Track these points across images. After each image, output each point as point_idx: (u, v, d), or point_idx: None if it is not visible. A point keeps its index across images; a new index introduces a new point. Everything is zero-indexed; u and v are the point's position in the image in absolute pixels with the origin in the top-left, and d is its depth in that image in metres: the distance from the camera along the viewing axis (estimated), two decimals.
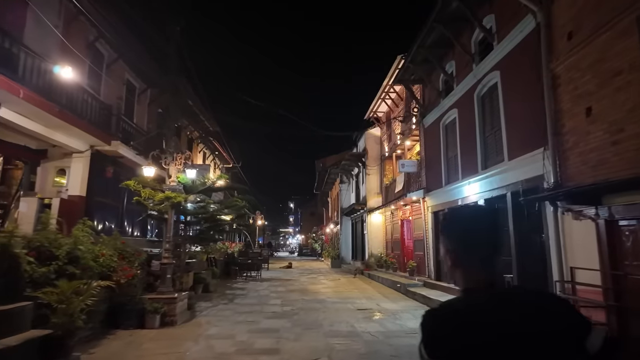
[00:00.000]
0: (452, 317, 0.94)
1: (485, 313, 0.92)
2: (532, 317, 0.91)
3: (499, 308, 0.92)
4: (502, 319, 0.90)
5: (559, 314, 0.93)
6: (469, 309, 0.94)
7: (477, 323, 0.90)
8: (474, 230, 1.00)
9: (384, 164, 17.74)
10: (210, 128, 23.62)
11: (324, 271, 20.20)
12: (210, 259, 14.31)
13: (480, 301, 0.95)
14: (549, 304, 0.95)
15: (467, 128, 9.47)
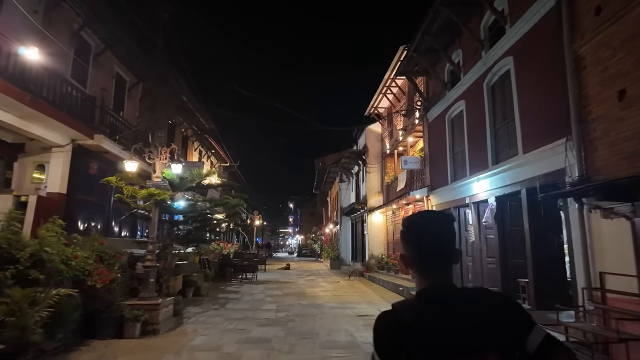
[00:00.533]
0: (393, 317, 1.01)
1: (424, 314, 0.98)
2: (467, 316, 0.96)
3: (438, 309, 0.98)
4: (438, 319, 0.96)
5: (498, 311, 0.97)
6: (408, 311, 1.00)
7: (414, 325, 0.96)
8: (424, 236, 1.06)
9: (385, 162, 17.09)
10: (205, 125, 22.98)
11: (322, 273, 19.55)
12: (204, 260, 13.66)
13: (422, 303, 1.01)
14: (490, 302, 0.99)
15: (476, 121, 8.82)
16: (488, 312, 0.96)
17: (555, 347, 0.95)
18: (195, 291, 11.01)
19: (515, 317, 0.98)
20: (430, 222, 1.09)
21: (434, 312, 0.98)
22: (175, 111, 19.74)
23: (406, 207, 13.98)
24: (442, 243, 1.05)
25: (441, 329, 0.94)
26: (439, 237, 1.05)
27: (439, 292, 1.01)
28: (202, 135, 23.96)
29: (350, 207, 19.78)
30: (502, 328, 0.95)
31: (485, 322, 0.95)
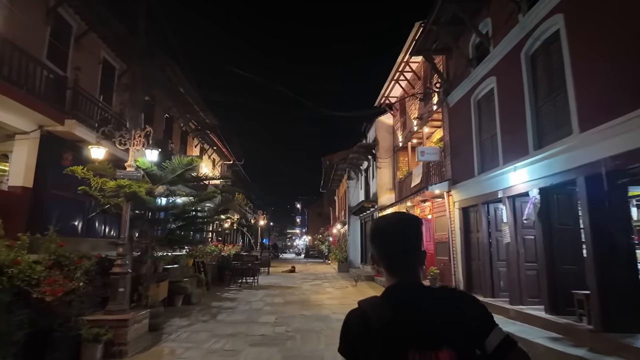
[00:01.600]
0: (359, 315, 1.06)
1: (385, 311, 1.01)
2: (427, 313, 0.99)
3: (400, 306, 1.01)
4: (399, 316, 0.99)
5: (459, 310, 1.00)
6: (372, 308, 1.04)
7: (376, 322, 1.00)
8: (386, 238, 1.12)
9: (397, 156, 15.68)
10: (206, 120, 21.80)
11: (329, 276, 18.19)
12: (198, 263, 12.41)
13: (386, 301, 1.05)
14: (453, 301, 1.02)
15: (511, 99, 7.40)
16: (449, 311, 0.99)
17: (513, 348, 0.99)
18: (185, 299, 9.76)
19: (476, 317, 1.02)
20: (391, 224, 1.13)
21: (395, 309, 1.00)
22: (173, 104, 18.60)
23: (422, 204, 12.56)
24: (403, 244, 1.10)
25: (401, 325, 0.97)
26: (400, 239, 1.10)
27: (403, 290, 1.05)
28: (202, 131, 22.78)
29: (359, 205, 18.40)
30: (461, 326, 0.97)
31: (446, 319, 0.97)
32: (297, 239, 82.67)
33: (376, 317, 1.00)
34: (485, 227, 8.43)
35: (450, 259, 10.13)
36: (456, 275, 9.78)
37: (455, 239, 9.85)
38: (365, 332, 1.00)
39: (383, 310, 1.01)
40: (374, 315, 1.00)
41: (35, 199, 7.80)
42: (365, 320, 1.01)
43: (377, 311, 1.01)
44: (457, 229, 9.74)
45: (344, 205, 25.20)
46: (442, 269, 10.65)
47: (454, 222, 9.90)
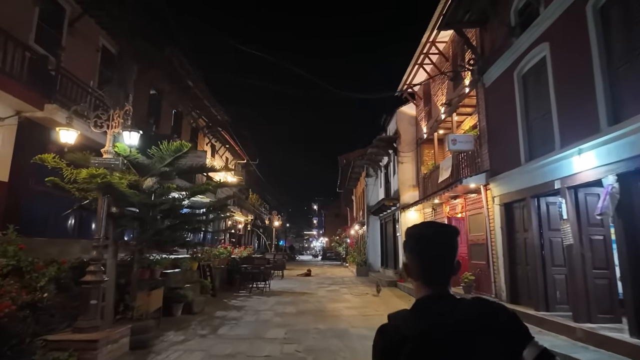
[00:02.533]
0: (393, 331, 1.00)
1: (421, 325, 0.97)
2: (464, 328, 0.95)
3: (436, 319, 0.97)
4: (435, 331, 0.95)
5: (495, 323, 0.97)
6: (406, 322, 1.00)
7: (413, 337, 0.95)
8: (430, 248, 1.06)
9: (420, 149, 14.27)
10: (217, 116, 20.91)
11: (347, 281, 16.88)
12: (204, 267, 11.36)
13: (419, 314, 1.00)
14: (488, 313, 0.98)
15: (572, 66, 5.98)
16: (485, 325, 0.96)
17: None
18: (185, 308, 8.68)
19: (513, 329, 0.99)
20: (437, 233, 1.08)
21: (430, 325, 0.97)
22: (181, 99, 17.75)
23: (452, 201, 11.13)
24: (446, 255, 1.05)
25: (437, 343, 0.94)
26: (445, 250, 1.06)
27: (437, 303, 1.01)
28: (213, 128, 21.90)
29: (378, 204, 17.03)
30: (497, 341, 0.95)
31: (481, 334, 0.95)
32: (314, 241, 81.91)
33: (412, 334, 0.96)
34: (536, 226, 6.99)
35: (488, 263, 8.70)
36: (496, 283, 8.35)
37: (494, 240, 8.42)
38: (400, 350, 0.96)
39: (418, 326, 0.97)
40: (410, 332, 0.97)
41: (11, 195, 6.87)
42: (400, 337, 0.97)
43: (412, 327, 0.97)
44: (497, 228, 8.31)
45: (362, 205, 23.85)
46: (478, 274, 9.21)
47: (494, 220, 8.47)
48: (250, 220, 27.49)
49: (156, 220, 6.22)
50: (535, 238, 6.98)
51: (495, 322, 0.97)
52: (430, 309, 1.00)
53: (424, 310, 1.00)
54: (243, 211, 24.43)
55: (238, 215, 23.60)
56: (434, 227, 1.10)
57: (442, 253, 1.05)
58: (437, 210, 12.50)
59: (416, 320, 0.98)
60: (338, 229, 41.56)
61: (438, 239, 1.07)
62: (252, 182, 33.58)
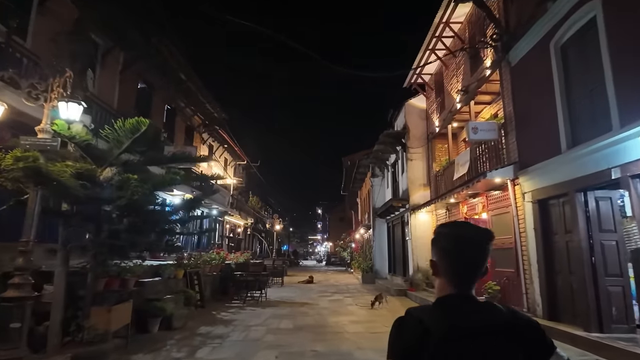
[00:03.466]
0: (415, 324, 0.96)
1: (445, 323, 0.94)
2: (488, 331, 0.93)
3: (460, 320, 0.95)
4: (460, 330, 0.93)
5: (519, 330, 0.95)
6: (430, 318, 0.96)
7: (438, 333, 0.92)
8: (464, 249, 1.02)
9: (432, 145, 13.01)
10: (214, 114, 19.83)
11: (352, 289, 15.57)
12: (190, 275, 10.14)
13: (445, 312, 0.97)
14: (512, 321, 0.96)
15: (637, 24, 4.74)
16: (510, 330, 0.95)
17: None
18: (164, 323, 7.46)
19: (537, 339, 0.98)
20: (474, 235, 1.04)
21: (458, 320, 0.95)
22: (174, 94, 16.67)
23: (471, 200, 9.84)
24: (479, 258, 1.03)
25: (465, 339, 0.93)
26: (479, 252, 1.03)
27: (462, 302, 1.00)
28: (210, 126, 20.81)
29: (385, 206, 15.75)
30: (522, 348, 0.94)
31: (507, 340, 0.93)
32: (318, 245, 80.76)
33: (438, 329, 0.92)
34: (583, 226, 5.70)
35: (518, 271, 7.41)
36: (529, 295, 7.04)
37: (526, 244, 7.13)
38: (423, 344, 0.92)
39: (445, 321, 0.94)
40: (436, 327, 0.93)
41: None
42: (423, 331, 0.93)
43: (439, 322, 0.94)
44: (529, 229, 7.02)
45: (367, 207, 22.56)
46: (505, 284, 7.91)
47: (524, 220, 7.18)
48: (251, 224, 26.28)
49: (111, 219, 5.01)
50: (582, 241, 5.69)
51: (519, 330, 0.95)
52: (457, 308, 0.97)
53: (450, 308, 0.98)
54: (242, 214, 23.24)
55: (236, 218, 22.42)
56: (471, 228, 1.07)
57: (476, 255, 1.02)
58: (453, 211, 11.21)
59: (443, 316, 0.95)
60: (342, 233, 40.27)
61: (475, 240, 1.03)
62: (253, 184, 32.43)
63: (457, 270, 1.02)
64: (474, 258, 1.02)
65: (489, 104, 10.11)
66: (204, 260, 11.44)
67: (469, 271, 1.02)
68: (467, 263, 1.02)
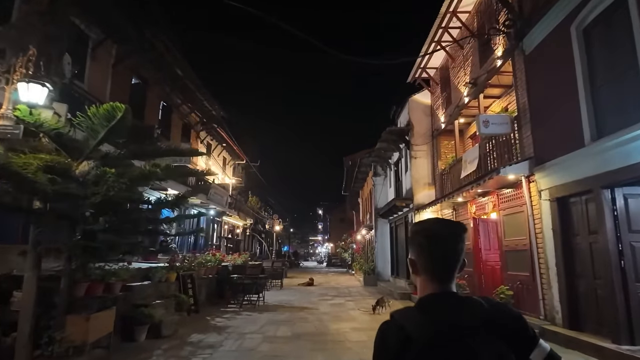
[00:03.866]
0: (397, 330, 0.95)
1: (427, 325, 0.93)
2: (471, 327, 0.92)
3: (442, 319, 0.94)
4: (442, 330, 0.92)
5: (503, 323, 0.95)
6: (411, 321, 0.95)
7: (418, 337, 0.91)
8: (439, 243, 1.03)
9: (437, 142, 12.48)
10: (211, 111, 19.33)
11: (354, 292, 15.04)
12: (184, 278, 9.63)
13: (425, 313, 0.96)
14: (494, 313, 0.96)
15: None
16: (492, 325, 0.94)
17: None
18: (153, 330, 6.94)
19: (520, 330, 0.98)
20: (443, 226, 1.06)
21: (439, 323, 0.93)
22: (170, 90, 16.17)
23: (480, 199, 9.31)
24: (455, 252, 1.03)
25: (448, 342, 0.91)
26: (452, 245, 1.03)
27: (443, 301, 0.99)
28: (208, 124, 20.32)
29: (388, 206, 15.21)
30: (506, 342, 0.93)
31: (490, 334, 0.93)
32: (319, 247, 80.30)
33: (420, 336, 0.91)
34: (610, 227, 5.17)
35: (533, 274, 6.86)
36: (546, 301, 6.50)
37: (543, 246, 6.59)
38: (404, 351, 0.91)
39: (426, 327, 0.93)
40: (416, 333, 0.92)
41: None
42: (405, 338, 0.92)
43: (420, 328, 0.93)
44: (546, 230, 6.48)
45: (369, 208, 22.02)
46: (518, 289, 7.36)
47: (541, 220, 6.64)
48: (250, 225, 25.76)
49: (86, 218, 4.49)
50: (609, 243, 5.15)
51: (502, 323, 0.95)
52: (438, 309, 0.97)
53: (431, 310, 0.97)
54: (241, 214, 22.72)
55: (235, 218, 21.90)
56: (442, 223, 1.08)
57: (451, 249, 1.02)
58: (460, 210, 10.67)
59: (424, 321, 0.94)
60: (343, 234, 39.73)
61: (448, 231, 1.04)
62: (252, 184, 31.91)
63: (435, 266, 1.02)
64: (450, 252, 1.02)
65: (498, 98, 9.58)
66: (198, 263, 10.93)
67: (447, 265, 1.02)
68: (444, 257, 1.02)
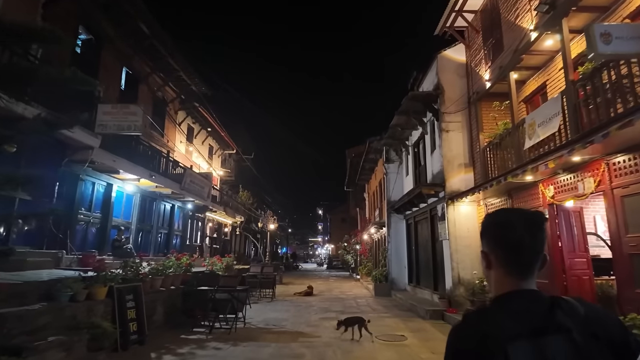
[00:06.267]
0: (475, 330, 0.87)
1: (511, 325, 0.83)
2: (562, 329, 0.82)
3: (527, 319, 0.85)
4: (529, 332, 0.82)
5: (596, 326, 0.84)
6: (490, 321, 0.86)
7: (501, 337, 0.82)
8: (517, 235, 0.94)
9: (477, 109, 9.39)
10: (191, 86, 16.23)
11: (364, 305, 11.93)
12: (122, 292, 6.50)
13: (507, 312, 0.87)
14: (595, 318, 0.86)
15: None
16: (593, 330, 0.83)
17: None
18: None
19: (621, 336, 0.86)
20: (523, 217, 0.97)
21: (524, 322, 0.84)
22: (134, 53, 13.07)
23: (562, 177, 6.20)
24: (535, 244, 0.94)
25: (534, 341, 0.81)
26: (534, 237, 0.94)
27: (527, 299, 0.90)
28: (188, 102, 17.22)
29: (408, 196, 12.09)
30: (610, 349, 0.82)
31: (592, 340, 0.82)
32: (319, 248, 77.50)
33: (504, 338, 0.81)
34: None
35: None
36: None
37: None
38: (492, 351, 0.80)
39: (511, 327, 0.82)
40: (500, 334, 0.81)
41: None
42: (488, 341, 0.82)
43: (504, 329, 0.82)
44: None
45: (377, 202, 18.93)
46: None
47: None
48: (240, 223, 22.62)
49: None
50: None
51: (603, 328, 0.84)
52: (523, 307, 0.87)
53: (515, 309, 0.87)
54: (229, 211, 19.59)
55: (221, 215, 18.78)
56: (519, 212, 1.01)
57: (530, 240, 0.93)
58: (520, 197, 7.58)
59: (508, 321, 0.84)
60: (345, 235, 36.65)
61: (525, 224, 0.94)
62: (246, 180, 28.81)
63: (513, 259, 0.94)
64: (529, 244, 0.93)
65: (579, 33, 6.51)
66: (153, 270, 7.83)
67: (526, 259, 0.93)
68: (522, 249, 0.92)
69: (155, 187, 11.60)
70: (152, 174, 10.79)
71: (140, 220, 11.65)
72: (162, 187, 11.71)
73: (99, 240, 9.71)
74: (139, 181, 10.55)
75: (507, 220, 0.97)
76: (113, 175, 9.83)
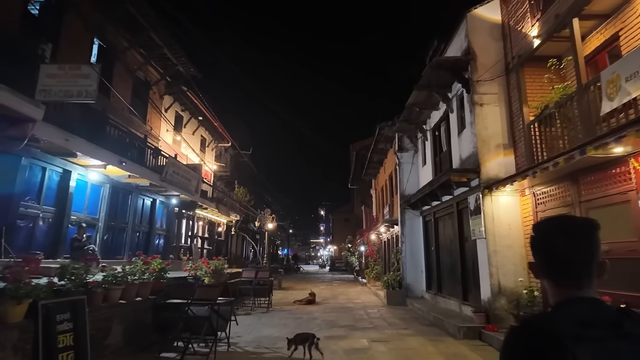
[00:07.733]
0: (544, 334, 0.80)
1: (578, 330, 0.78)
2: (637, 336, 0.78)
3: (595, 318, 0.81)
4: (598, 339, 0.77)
5: None
6: (556, 325, 0.81)
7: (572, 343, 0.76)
8: (557, 244, 0.90)
9: (520, 77, 7.52)
10: (177, 66, 14.42)
11: (376, 317, 10.07)
12: (52, 311, 4.66)
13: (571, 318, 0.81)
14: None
15: None
16: None
17: None
18: None
19: None
20: (575, 223, 0.94)
21: (588, 326, 0.79)
22: (107, 21, 11.26)
23: None
24: (590, 250, 0.89)
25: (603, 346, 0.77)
26: (587, 243, 0.89)
27: (589, 304, 0.85)
28: (174, 85, 15.41)
29: (428, 188, 10.22)
30: None
31: None
32: (321, 249, 75.82)
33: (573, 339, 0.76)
34: None
35: None
36: None
37: None
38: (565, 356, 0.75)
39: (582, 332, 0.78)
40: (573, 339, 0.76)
41: None
42: (557, 340, 0.77)
43: (576, 333, 0.77)
44: None
45: (387, 198, 17.06)
46: None
47: None
48: (236, 222, 20.78)
49: None
50: None
51: None
52: (586, 310, 0.83)
53: (577, 311, 0.83)
54: (222, 208, 17.75)
55: (213, 213, 16.93)
56: (573, 219, 0.96)
57: (585, 247, 0.88)
58: (595, 179, 5.73)
59: (573, 321, 0.79)
60: (348, 236, 34.77)
61: (578, 230, 0.90)
62: (244, 177, 27.01)
63: (562, 271, 0.89)
64: (584, 251, 0.88)
65: None
66: (109, 276, 5.99)
67: (577, 270, 0.88)
68: (577, 257, 0.88)
69: (128, 177, 9.79)
70: (123, 160, 8.98)
71: (111, 216, 9.84)
72: (137, 177, 9.90)
73: (51, 240, 7.91)
74: (105, 168, 8.74)
75: (558, 227, 0.93)
76: (70, 160, 8.03)
